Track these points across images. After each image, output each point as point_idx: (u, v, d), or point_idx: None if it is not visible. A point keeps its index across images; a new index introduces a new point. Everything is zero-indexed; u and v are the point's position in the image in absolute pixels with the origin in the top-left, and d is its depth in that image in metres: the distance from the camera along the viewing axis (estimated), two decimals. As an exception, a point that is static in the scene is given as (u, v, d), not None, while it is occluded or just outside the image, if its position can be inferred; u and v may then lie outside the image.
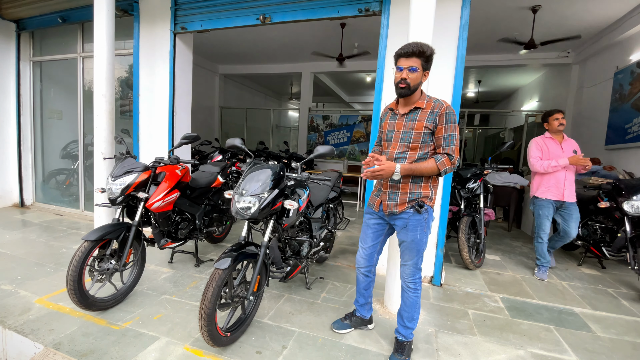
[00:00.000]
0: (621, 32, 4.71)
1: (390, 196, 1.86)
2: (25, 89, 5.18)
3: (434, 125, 1.74)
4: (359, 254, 2.12)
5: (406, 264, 1.92)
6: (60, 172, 5.28)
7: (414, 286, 1.92)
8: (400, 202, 1.82)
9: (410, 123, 1.79)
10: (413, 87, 1.74)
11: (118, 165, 2.52)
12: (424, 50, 1.69)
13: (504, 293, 2.97)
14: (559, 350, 2.13)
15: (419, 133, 1.76)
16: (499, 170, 5.26)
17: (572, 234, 3.30)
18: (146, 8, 4.01)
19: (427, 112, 1.75)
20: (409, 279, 1.92)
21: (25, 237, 3.84)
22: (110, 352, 1.91)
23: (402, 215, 1.84)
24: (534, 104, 8.16)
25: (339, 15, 3.23)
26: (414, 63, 1.70)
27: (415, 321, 1.96)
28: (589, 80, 5.79)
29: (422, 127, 1.75)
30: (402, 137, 1.81)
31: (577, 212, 3.27)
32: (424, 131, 1.75)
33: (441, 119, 1.72)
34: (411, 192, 1.81)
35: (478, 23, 4.88)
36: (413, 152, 1.79)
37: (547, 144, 3.35)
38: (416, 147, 1.78)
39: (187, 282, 2.85)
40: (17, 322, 2.17)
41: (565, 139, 3.34)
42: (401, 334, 1.97)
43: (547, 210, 3.28)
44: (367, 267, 2.10)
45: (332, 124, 8.48)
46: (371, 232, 2.04)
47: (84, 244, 2.12)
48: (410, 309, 1.94)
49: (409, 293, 1.93)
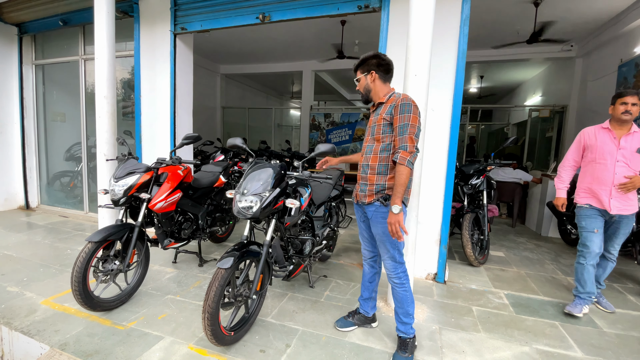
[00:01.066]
0: (625, 25, 4.65)
1: (362, 187, 1.97)
2: (28, 92, 5.21)
3: (390, 117, 1.84)
4: (362, 246, 2.19)
5: (384, 258, 1.98)
6: (65, 174, 5.32)
7: (399, 281, 1.94)
8: (369, 193, 1.92)
9: (375, 117, 1.94)
10: (364, 91, 1.98)
11: (120, 166, 2.53)
12: (358, 63, 1.98)
13: (508, 289, 2.95)
14: (565, 347, 2.11)
15: (379, 125, 1.89)
16: (502, 166, 5.22)
17: (608, 257, 2.59)
18: (146, 9, 4.02)
19: (388, 106, 1.88)
20: (392, 273, 1.96)
21: (30, 239, 3.88)
22: (116, 352, 1.92)
23: (370, 207, 1.93)
24: (537, 98, 8.09)
25: (338, 12, 3.21)
26: (357, 75, 2.00)
27: (411, 316, 1.97)
28: (592, 73, 5.73)
29: (381, 119, 1.88)
30: (371, 131, 1.96)
31: (626, 227, 2.48)
32: (383, 122, 1.87)
33: (396, 110, 1.80)
34: (377, 183, 1.89)
35: (479, 17, 4.84)
36: (377, 142, 1.90)
37: (598, 135, 2.51)
38: (379, 139, 1.89)
39: (190, 282, 2.86)
40: (23, 323, 2.19)
41: (631, 132, 2.41)
42: (401, 330, 1.99)
43: (591, 221, 2.49)
44: (371, 257, 2.16)
45: (334, 122, 8.46)
46: (362, 223, 2.11)
47: (88, 245, 2.14)
48: (402, 304, 1.96)
49: (396, 289, 1.96)
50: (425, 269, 3.09)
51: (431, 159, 2.96)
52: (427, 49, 2.26)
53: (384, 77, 1.93)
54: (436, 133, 2.96)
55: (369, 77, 1.93)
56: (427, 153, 2.89)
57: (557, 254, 4.00)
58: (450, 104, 2.91)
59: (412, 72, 2.28)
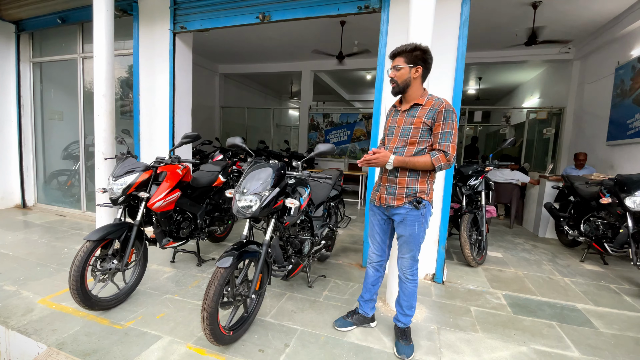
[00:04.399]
0: (622, 28, 4.69)
1: (389, 190, 1.91)
2: (25, 90, 5.18)
3: (432, 122, 1.78)
4: (371, 249, 2.16)
5: (404, 257, 1.97)
6: (62, 173, 5.29)
7: (412, 277, 2.00)
8: (398, 197, 1.87)
9: (410, 119, 1.84)
10: (402, 84, 1.82)
11: (119, 165, 2.52)
12: (404, 49, 1.79)
13: (506, 290, 2.96)
14: (562, 347, 2.13)
15: (417, 128, 1.81)
16: (500, 167, 5.25)
17: None
18: (145, 8, 4.00)
19: (427, 109, 1.80)
20: (407, 270, 1.99)
21: (27, 238, 3.85)
22: (113, 351, 1.91)
23: (399, 210, 1.88)
24: (535, 100, 8.13)
25: (338, 12, 3.22)
26: (398, 62, 1.81)
27: (414, 309, 2.06)
28: (590, 76, 5.77)
29: (421, 122, 1.79)
30: (402, 132, 1.86)
31: None
32: (422, 127, 1.79)
33: (439, 116, 1.76)
34: (408, 186, 1.85)
35: (478, 19, 4.87)
36: (411, 146, 1.84)
37: None
38: (414, 142, 1.82)
39: (189, 281, 2.86)
40: (20, 322, 2.17)
41: None
42: (402, 321, 2.06)
43: None
44: (379, 261, 2.15)
45: (333, 123, 8.47)
46: (378, 226, 2.07)
47: (86, 244, 2.13)
48: (409, 297, 2.03)
49: (407, 284, 2.01)
50: (423, 269, 3.09)
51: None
52: (427, 49, 2.26)
53: (424, 76, 1.85)
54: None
55: (412, 70, 1.79)
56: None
57: (554, 255, 4.03)
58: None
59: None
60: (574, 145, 6.19)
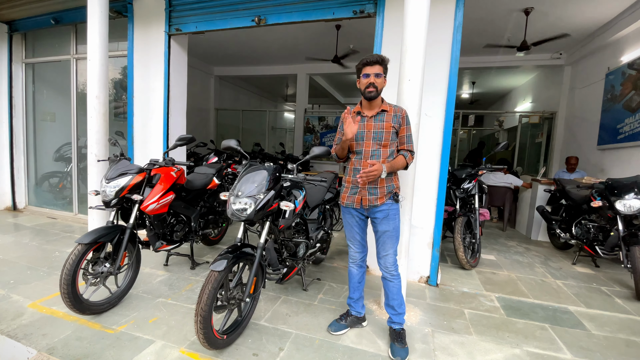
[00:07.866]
0: (612, 34, 4.78)
1: (371, 191, 2.03)
2: (17, 91, 5.12)
3: (398, 126, 2.01)
4: (352, 250, 2.25)
5: (388, 254, 2.07)
6: (54, 175, 5.22)
7: (396, 273, 2.09)
8: (380, 196, 2.03)
9: (380, 124, 2.01)
10: (380, 91, 1.98)
11: (112, 167, 2.49)
12: (383, 59, 1.96)
13: (499, 292, 2.99)
14: (554, 349, 2.15)
15: (388, 132, 1.99)
16: (493, 171, 5.30)
17: None
18: (140, 9, 3.99)
19: (392, 115, 2.00)
20: (392, 267, 2.08)
21: (17, 241, 3.79)
22: (105, 356, 1.88)
23: (382, 207, 2.03)
24: (527, 104, 8.24)
25: (334, 16, 3.24)
26: (378, 70, 1.94)
27: (404, 304, 2.14)
28: (581, 81, 5.86)
29: (390, 127, 1.99)
30: (374, 137, 2.01)
31: None
32: (392, 131, 2.00)
33: (403, 121, 2.02)
34: (387, 185, 2.04)
35: (472, 25, 4.93)
36: (384, 149, 2.01)
37: None
38: (387, 145, 2.01)
39: (182, 285, 2.83)
40: (9, 326, 2.13)
41: None
42: (396, 322, 2.11)
43: None
44: (361, 258, 2.25)
45: (328, 125, 8.48)
46: (357, 227, 2.18)
47: (78, 247, 2.10)
48: (398, 295, 2.10)
49: (394, 281, 2.08)
50: (417, 272, 3.11)
51: (424, 163, 2.99)
52: (422, 54, 2.29)
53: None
54: (429, 137, 2.99)
55: (385, 80, 2.00)
56: (421, 157, 2.92)
57: (546, 258, 4.07)
58: (443, 108, 2.95)
59: (407, 76, 2.31)
60: (566, 149, 6.27)
